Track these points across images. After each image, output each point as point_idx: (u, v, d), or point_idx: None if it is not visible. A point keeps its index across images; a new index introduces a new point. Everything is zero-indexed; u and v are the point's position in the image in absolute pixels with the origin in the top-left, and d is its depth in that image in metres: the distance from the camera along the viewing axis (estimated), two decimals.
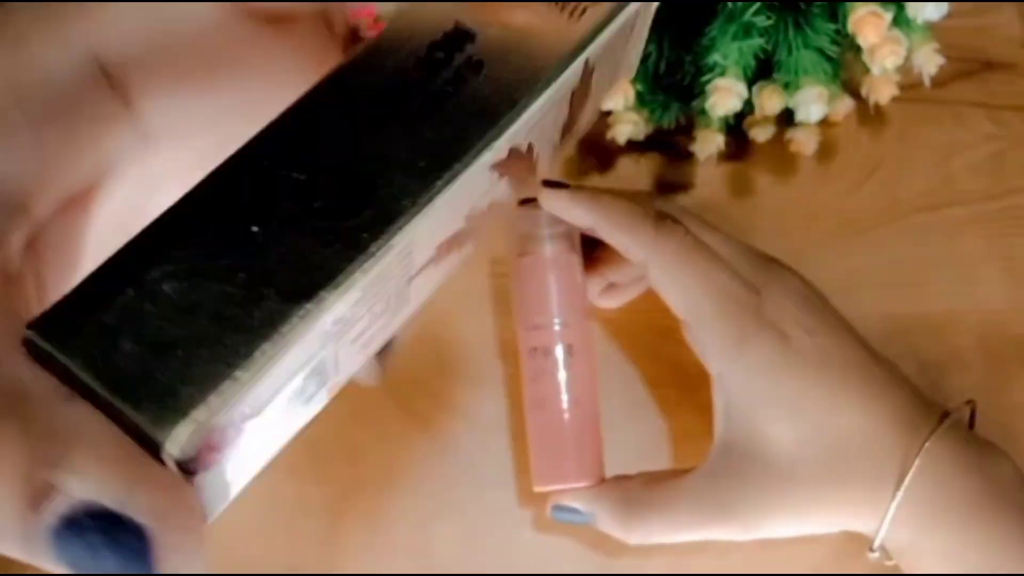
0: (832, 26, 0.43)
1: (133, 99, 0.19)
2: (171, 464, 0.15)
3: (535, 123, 0.19)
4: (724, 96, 0.43)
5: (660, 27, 0.45)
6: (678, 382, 0.45)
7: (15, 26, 0.18)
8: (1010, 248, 0.47)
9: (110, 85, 0.19)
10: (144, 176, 0.20)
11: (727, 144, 0.46)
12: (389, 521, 0.44)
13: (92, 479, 0.14)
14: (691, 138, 0.47)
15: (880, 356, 0.40)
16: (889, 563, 0.39)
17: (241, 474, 0.17)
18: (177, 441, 0.15)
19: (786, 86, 0.44)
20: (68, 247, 0.19)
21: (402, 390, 0.46)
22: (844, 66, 0.46)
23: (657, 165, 0.48)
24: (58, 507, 0.14)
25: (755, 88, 0.44)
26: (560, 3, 0.19)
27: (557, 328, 0.41)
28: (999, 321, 0.46)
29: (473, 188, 0.18)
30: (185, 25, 0.19)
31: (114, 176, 0.20)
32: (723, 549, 0.43)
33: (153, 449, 0.15)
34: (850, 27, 0.42)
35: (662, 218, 0.39)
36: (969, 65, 0.49)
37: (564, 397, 0.41)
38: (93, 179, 0.19)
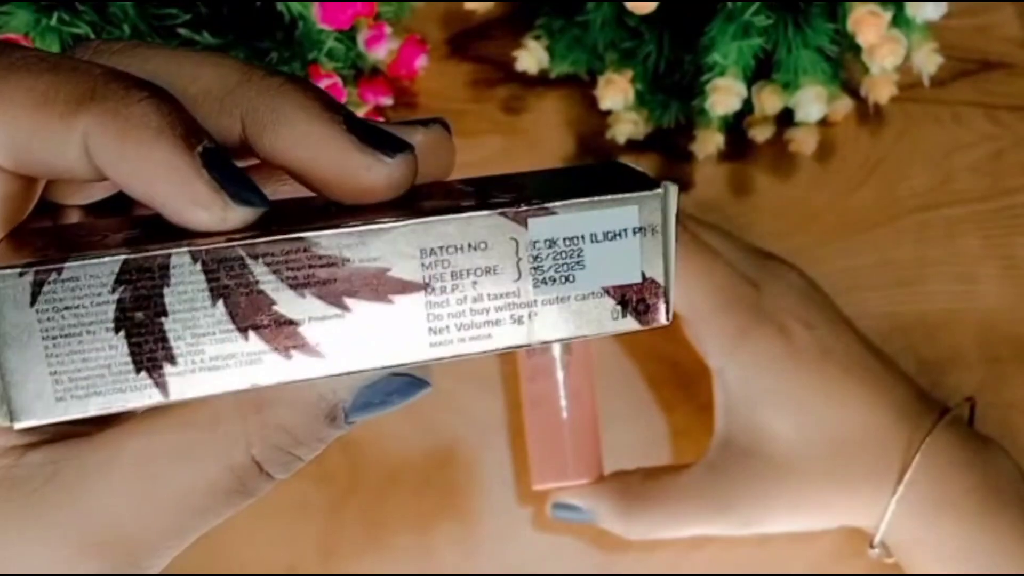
0: (831, 26, 0.43)
1: None
2: None
3: None
4: (724, 96, 0.43)
5: (660, 27, 0.45)
6: (677, 380, 0.45)
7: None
8: (1009, 247, 0.47)
9: None
10: None
11: (727, 144, 0.46)
12: (389, 521, 0.44)
13: None
14: (691, 138, 0.47)
15: (880, 351, 0.40)
16: (889, 560, 0.39)
17: None
18: None
19: (786, 86, 0.44)
20: None
21: None
22: (843, 66, 0.46)
23: (657, 165, 0.48)
24: None
25: (755, 88, 0.44)
26: None
27: None
28: (998, 320, 0.46)
29: None
30: None
31: None
32: (723, 546, 0.43)
33: None
34: (849, 27, 0.42)
35: None
36: (968, 65, 0.49)
37: (562, 395, 0.41)
38: None
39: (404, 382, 0.20)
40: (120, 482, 0.20)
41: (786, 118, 0.46)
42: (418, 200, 0.19)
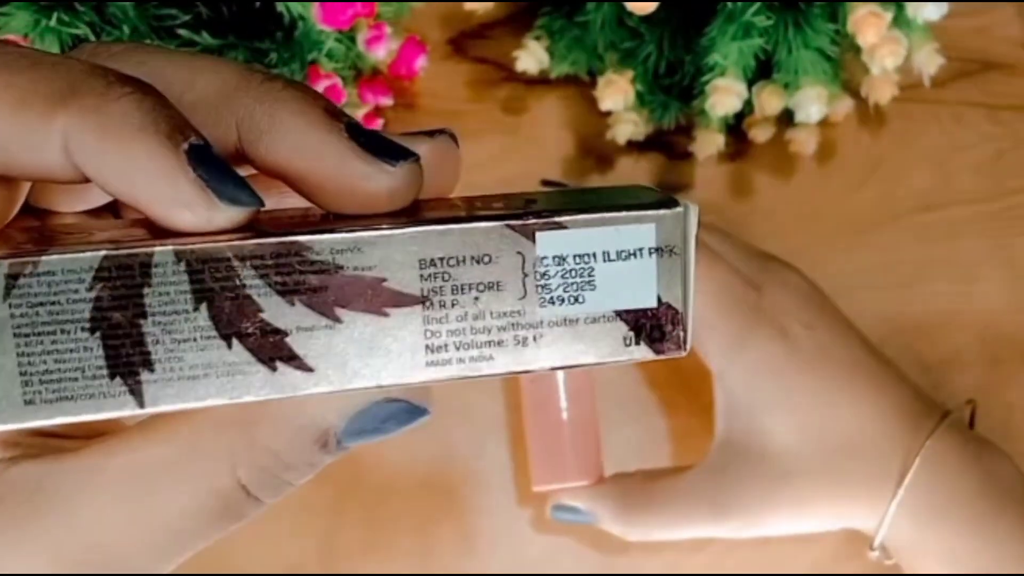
0: (832, 26, 0.43)
1: None
2: None
3: None
4: (724, 96, 0.43)
5: (660, 27, 0.45)
6: (677, 382, 0.45)
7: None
8: (1010, 248, 0.47)
9: None
10: None
11: (727, 144, 0.46)
12: (389, 522, 0.44)
13: None
14: (691, 138, 0.47)
15: (880, 353, 0.40)
16: (889, 562, 0.39)
17: None
18: None
19: (786, 86, 0.44)
20: None
21: None
22: (844, 66, 0.46)
23: (657, 165, 0.48)
24: None
25: (755, 88, 0.44)
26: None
27: None
28: (999, 321, 0.46)
29: None
30: None
31: None
32: (723, 548, 0.43)
33: None
34: (850, 27, 0.42)
35: None
36: (969, 65, 0.49)
37: (562, 396, 0.41)
38: None
39: (400, 408, 0.19)
40: (103, 500, 0.19)
41: (786, 119, 0.46)
42: (420, 213, 0.18)
